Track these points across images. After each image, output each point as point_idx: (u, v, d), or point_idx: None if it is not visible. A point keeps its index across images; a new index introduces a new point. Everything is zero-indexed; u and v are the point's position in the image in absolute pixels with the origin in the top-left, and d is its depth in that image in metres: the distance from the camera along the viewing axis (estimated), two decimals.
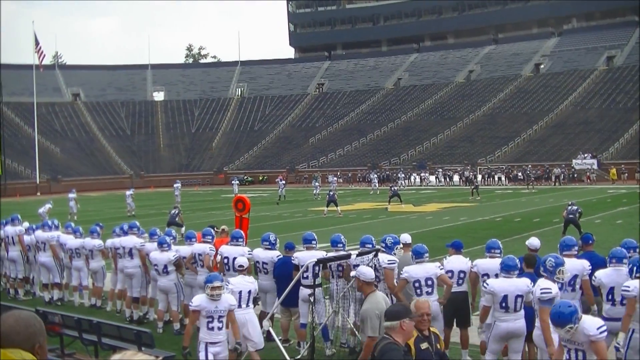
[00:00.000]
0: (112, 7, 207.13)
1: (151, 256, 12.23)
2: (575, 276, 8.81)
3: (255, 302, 9.78)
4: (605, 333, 6.12)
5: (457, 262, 9.82)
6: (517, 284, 8.35)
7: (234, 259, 10.52)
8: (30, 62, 73.99)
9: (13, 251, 15.41)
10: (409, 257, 9.78)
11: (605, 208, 32.74)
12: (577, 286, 8.89)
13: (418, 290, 9.09)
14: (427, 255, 9.36)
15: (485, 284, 8.63)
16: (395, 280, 9.55)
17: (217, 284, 8.35)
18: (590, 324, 6.07)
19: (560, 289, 7.78)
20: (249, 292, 9.41)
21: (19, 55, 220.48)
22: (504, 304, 8.30)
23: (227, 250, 11.20)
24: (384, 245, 9.95)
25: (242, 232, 11.73)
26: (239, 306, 9.16)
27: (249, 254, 11.13)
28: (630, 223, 25.70)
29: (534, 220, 27.99)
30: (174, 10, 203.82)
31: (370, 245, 10.23)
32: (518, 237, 21.37)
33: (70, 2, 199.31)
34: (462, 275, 9.66)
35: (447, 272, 9.53)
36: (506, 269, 8.47)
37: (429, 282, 9.10)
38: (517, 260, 8.74)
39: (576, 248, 9.30)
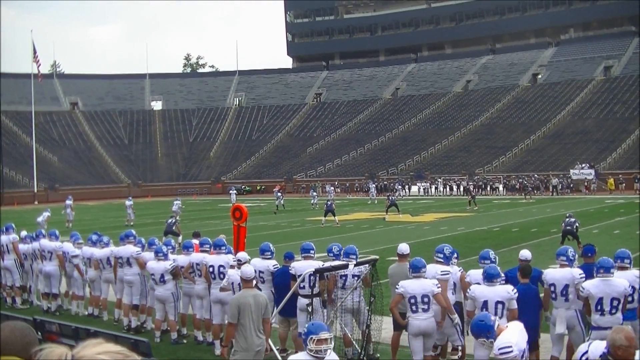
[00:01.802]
0: (111, 16, 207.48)
1: (148, 265, 12.27)
2: (567, 286, 8.87)
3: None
4: (508, 354, 5.81)
5: None
6: (497, 291, 8.46)
7: (219, 266, 11.15)
8: (28, 71, 74.05)
9: (7, 260, 15.45)
10: (406, 268, 9.78)
11: (602, 218, 32.77)
12: (571, 296, 8.93)
13: (413, 307, 8.96)
14: (424, 269, 9.21)
15: (469, 290, 8.82)
16: (451, 292, 9.55)
17: (324, 335, 5.96)
18: (498, 342, 5.97)
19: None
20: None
21: (17, 64, 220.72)
22: (484, 310, 8.38)
23: (211, 259, 11.50)
24: (441, 255, 9.81)
25: (223, 240, 11.92)
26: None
27: (235, 261, 11.25)
28: (628, 233, 25.74)
29: (532, 230, 28.01)
30: (172, 20, 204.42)
31: (354, 256, 10.22)
32: (516, 247, 21.34)
33: (68, 10, 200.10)
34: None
35: None
36: (488, 277, 8.60)
37: (425, 300, 8.95)
38: (500, 270, 8.89)
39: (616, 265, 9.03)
